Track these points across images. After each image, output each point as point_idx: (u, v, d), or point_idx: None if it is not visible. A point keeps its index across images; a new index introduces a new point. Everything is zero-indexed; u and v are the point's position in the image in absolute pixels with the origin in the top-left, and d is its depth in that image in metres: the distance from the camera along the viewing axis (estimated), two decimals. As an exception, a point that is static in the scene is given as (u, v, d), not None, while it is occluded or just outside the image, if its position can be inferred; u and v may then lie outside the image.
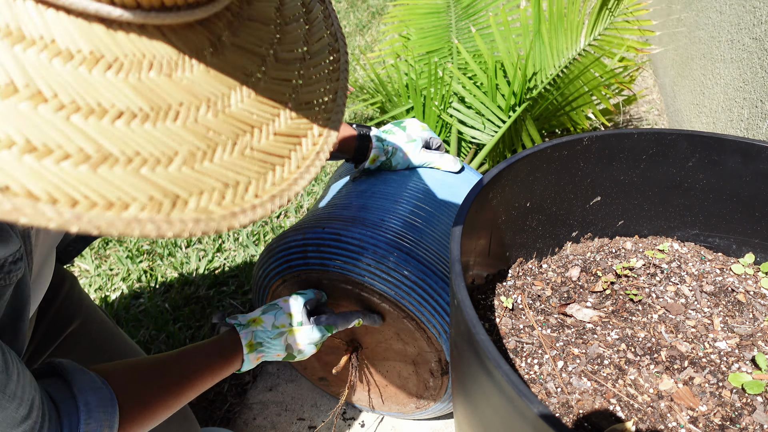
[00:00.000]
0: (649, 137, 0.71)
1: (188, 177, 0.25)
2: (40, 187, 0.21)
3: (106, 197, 0.22)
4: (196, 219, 0.25)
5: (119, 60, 0.24)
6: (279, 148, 0.30)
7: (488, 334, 0.49)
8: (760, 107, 1.19)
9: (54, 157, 0.21)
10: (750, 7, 1.31)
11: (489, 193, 0.63)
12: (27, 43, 0.22)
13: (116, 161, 0.23)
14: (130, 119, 0.24)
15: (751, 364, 0.59)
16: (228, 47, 0.29)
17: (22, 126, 0.21)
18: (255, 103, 0.29)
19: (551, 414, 0.37)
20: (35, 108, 0.21)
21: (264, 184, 0.28)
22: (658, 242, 0.80)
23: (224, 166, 0.27)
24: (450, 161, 0.93)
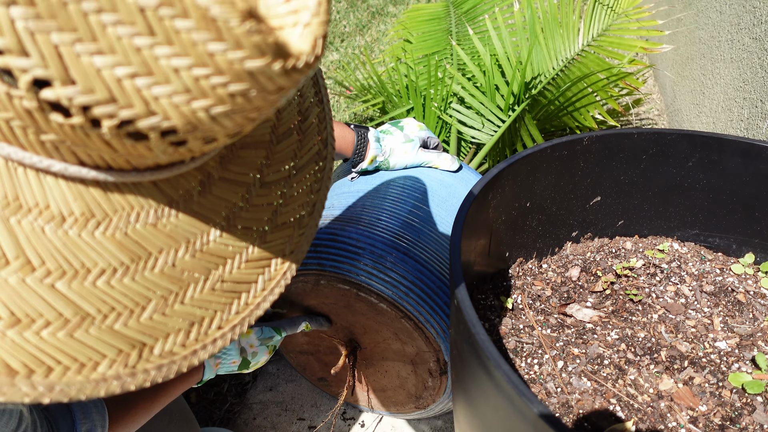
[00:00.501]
0: (649, 137, 0.71)
1: (157, 324, 0.26)
2: (18, 360, 0.21)
3: (78, 359, 0.23)
4: (159, 365, 0.26)
5: (108, 217, 0.25)
6: (248, 275, 0.31)
7: (488, 334, 0.49)
8: (760, 107, 1.19)
9: (35, 328, 0.22)
10: (750, 7, 1.32)
11: (489, 193, 0.63)
12: (23, 212, 0.23)
13: (92, 321, 0.24)
14: (111, 276, 0.25)
15: (751, 364, 0.59)
16: (216, 182, 0.30)
17: (8, 299, 0.22)
18: (232, 235, 0.30)
19: (551, 414, 0.37)
20: (23, 280, 0.22)
21: (228, 314, 0.29)
22: (658, 242, 0.80)
23: (193, 304, 0.28)
24: (448, 160, 0.93)
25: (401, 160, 0.92)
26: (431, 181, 0.92)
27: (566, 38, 1.38)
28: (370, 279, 0.78)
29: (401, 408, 0.99)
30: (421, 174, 0.93)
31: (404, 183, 0.90)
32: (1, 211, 0.22)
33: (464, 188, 0.93)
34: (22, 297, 0.22)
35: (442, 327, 0.78)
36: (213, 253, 0.29)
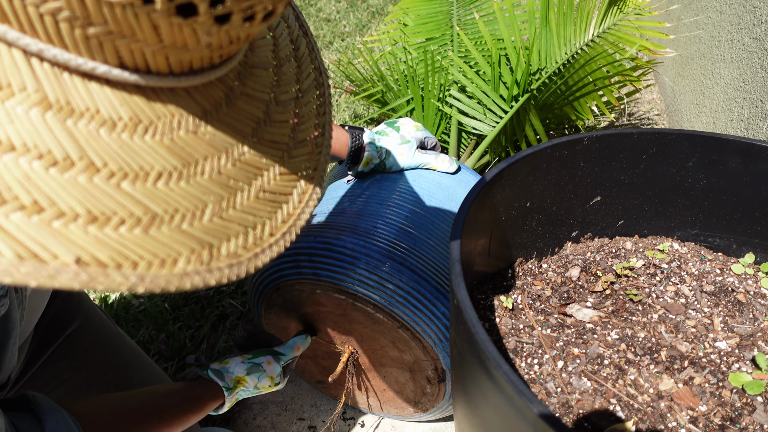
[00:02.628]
0: (649, 137, 0.71)
1: (217, 227, 0.27)
2: (105, 254, 0.22)
3: (158, 255, 0.24)
4: (229, 264, 0.27)
5: (154, 123, 0.26)
6: (284, 187, 0.32)
7: (488, 334, 0.49)
8: (760, 107, 1.19)
9: (112, 224, 0.23)
10: (750, 6, 1.32)
11: (489, 193, 0.63)
12: (76, 116, 0.23)
13: (162, 221, 0.25)
14: (168, 179, 0.26)
15: (751, 364, 0.59)
16: (239, 96, 0.31)
17: (82, 198, 0.23)
18: (263, 147, 0.31)
19: (551, 414, 0.37)
20: (91, 180, 0.23)
21: (276, 222, 0.31)
22: (658, 242, 0.80)
23: (244, 211, 0.29)
24: (446, 162, 0.92)
25: (398, 162, 0.90)
26: (429, 183, 0.91)
27: (579, 26, 1.33)
28: (366, 289, 0.77)
29: (401, 411, 0.99)
30: (418, 176, 0.91)
31: (401, 187, 0.89)
32: (57, 114, 0.23)
33: (463, 190, 0.92)
34: (93, 195, 0.23)
35: (440, 336, 0.77)
36: (250, 164, 0.30)
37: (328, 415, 1.09)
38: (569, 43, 1.34)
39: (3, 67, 0.22)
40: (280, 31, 0.37)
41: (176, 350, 1.23)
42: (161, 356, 1.22)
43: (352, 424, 1.08)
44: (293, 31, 0.38)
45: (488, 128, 1.35)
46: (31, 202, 0.21)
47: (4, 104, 0.22)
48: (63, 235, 0.21)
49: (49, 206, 0.22)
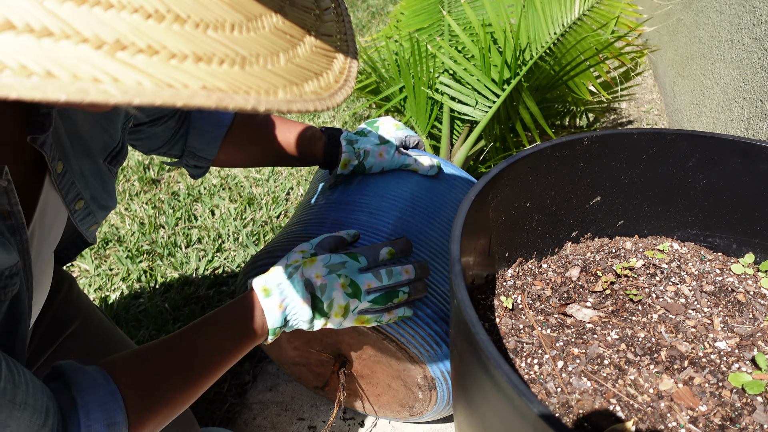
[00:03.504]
0: (649, 137, 0.71)
1: (294, 69, 0.31)
2: (224, 83, 0.26)
3: (262, 87, 0.27)
4: (319, 98, 0.30)
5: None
6: (328, 46, 0.35)
7: (488, 334, 0.49)
8: (760, 107, 1.19)
9: (216, 62, 0.26)
10: (750, 7, 1.32)
11: (489, 193, 0.63)
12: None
13: (251, 62, 0.28)
14: (240, 29, 0.29)
15: (751, 364, 0.59)
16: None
17: (183, 42, 0.25)
18: (299, 11, 0.34)
19: (551, 414, 0.37)
20: (183, 27, 0.26)
21: (335, 72, 0.34)
22: (658, 242, 0.80)
23: (308, 60, 0.32)
24: (426, 164, 0.88)
25: (377, 163, 0.87)
26: (412, 185, 0.87)
27: (564, 4, 1.36)
28: None
29: (396, 415, 0.98)
30: (400, 179, 0.88)
31: (383, 191, 0.86)
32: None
33: (447, 190, 0.90)
34: (191, 40, 0.26)
35: (425, 345, 0.76)
36: (295, 24, 0.33)
37: (328, 415, 1.09)
38: (556, 23, 1.36)
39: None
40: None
41: (176, 350, 1.23)
42: (161, 356, 1.22)
43: (352, 425, 1.08)
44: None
45: (480, 114, 1.34)
46: (146, 46, 0.24)
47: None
48: (183, 70, 0.25)
49: (161, 49, 0.25)
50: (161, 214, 1.67)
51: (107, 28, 0.23)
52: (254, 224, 1.63)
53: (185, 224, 1.63)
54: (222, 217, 1.63)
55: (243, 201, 1.71)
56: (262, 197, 1.73)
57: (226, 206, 1.68)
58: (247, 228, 1.61)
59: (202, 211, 1.68)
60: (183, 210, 1.67)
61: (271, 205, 1.69)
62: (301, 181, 1.82)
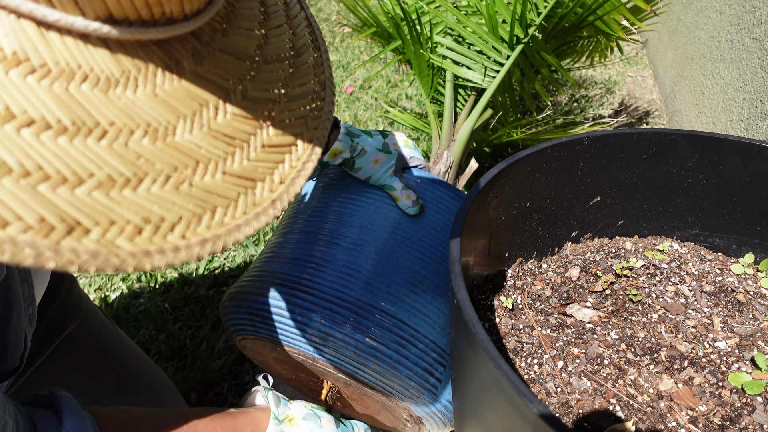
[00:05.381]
0: (649, 137, 0.71)
1: (97, 204, 0.23)
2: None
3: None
4: (95, 251, 0.22)
5: (47, 66, 0.22)
6: (225, 189, 0.27)
7: (488, 334, 0.49)
8: (760, 107, 1.19)
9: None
10: (750, 7, 1.32)
11: (489, 193, 0.63)
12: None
13: (9, 171, 0.21)
14: (42, 130, 0.22)
15: (751, 364, 0.59)
16: (187, 74, 0.27)
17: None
18: (207, 137, 0.27)
19: (551, 414, 0.37)
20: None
21: (197, 225, 0.26)
22: (658, 242, 0.80)
23: (150, 199, 0.24)
24: (410, 200, 0.80)
25: (367, 169, 0.81)
26: (395, 210, 0.81)
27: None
28: (321, 353, 0.73)
29: (392, 430, 0.98)
30: (383, 203, 0.81)
31: (363, 220, 0.80)
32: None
33: (435, 213, 0.83)
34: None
35: (406, 394, 0.74)
36: (180, 149, 0.26)
37: (328, 415, 1.09)
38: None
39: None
40: (275, 33, 0.34)
41: (176, 350, 1.23)
42: (161, 356, 1.22)
43: (352, 424, 1.08)
44: (299, 38, 0.35)
45: (488, 80, 1.15)
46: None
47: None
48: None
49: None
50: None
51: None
52: (254, 224, 1.62)
53: (185, 224, 1.63)
54: (222, 217, 1.63)
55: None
56: (262, 197, 1.73)
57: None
58: (247, 228, 1.60)
59: (202, 211, 1.68)
60: (183, 210, 1.67)
61: (271, 205, 1.69)
62: (301, 181, 1.81)
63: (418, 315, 0.75)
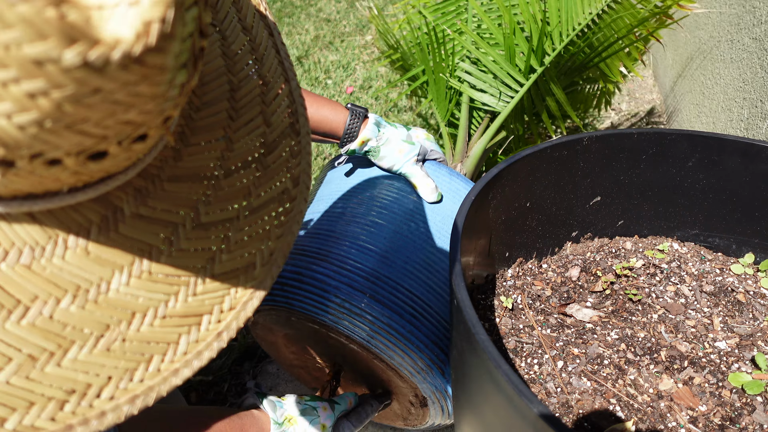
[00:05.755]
0: (649, 137, 0.71)
1: (15, 390, 0.22)
2: None
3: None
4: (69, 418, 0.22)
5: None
6: (165, 334, 0.26)
7: (488, 334, 0.49)
8: (760, 107, 1.19)
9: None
10: (750, 7, 1.32)
11: (489, 193, 0.63)
12: None
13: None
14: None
15: (751, 364, 0.59)
16: (127, 219, 0.25)
17: None
18: (147, 283, 0.25)
19: (551, 414, 0.37)
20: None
21: (128, 381, 0.24)
22: (658, 242, 0.80)
23: (76, 368, 0.23)
24: (429, 188, 0.85)
25: (391, 157, 0.84)
26: (415, 197, 0.85)
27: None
28: (338, 323, 0.74)
29: (392, 422, 0.98)
30: (402, 190, 0.85)
31: (382, 202, 0.83)
32: None
33: (452, 204, 0.87)
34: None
35: (415, 367, 0.75)
36: (114, 306, 0.24)
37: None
38: (594, 1, 1.18)
39: None
40: (244, 132, 0.30)
41: (176, 350, 1.23)
42: (161, 356, 1.22)
43: (352, 424, 1.08)
44: (274, 130, 0.31)
45: (502, 104, 1.23)
46: None
47: None
48: None
49: None
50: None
51: None
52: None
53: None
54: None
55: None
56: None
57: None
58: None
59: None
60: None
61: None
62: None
63: (431, 291, 0.77)
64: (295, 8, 2.98)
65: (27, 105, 0.17)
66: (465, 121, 1.29)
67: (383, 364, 0.77)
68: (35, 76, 0.17)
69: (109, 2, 0.18)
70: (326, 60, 2.51)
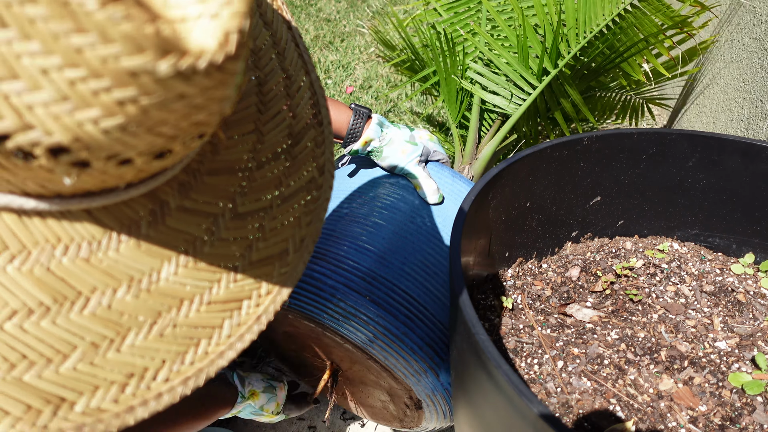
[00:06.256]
0: (649, 137, 0.71)
1: (82, 375, 0.23)
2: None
3: None
4: (79, 425, 0.23)
5: (26, 250, 0.23)
6: (210, 319, 0.28)
7: (488, 334, 0.49)
8: (760, 107, 1.19)
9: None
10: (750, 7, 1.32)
11: (489, 193, 0.63)
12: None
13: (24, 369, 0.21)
14: (25, 318, 0.22)
15: (751, 364, 0.59)
16: (173, 212, 0.27)
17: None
18: (192, 272, 0.27)
19: (551, 414, 0.37)
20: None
21: (180, 364, 0.26)
22: (658, 242, 0.80)
23: (133, 353, 0.25)
24: (431, 189, 0.84)
25: (394, 158, 0.84)
26: (415, 198, 0.84)
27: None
28: (334, 322, 0.74)
29: (389, 424, 0.98)
30: (405, 190, 0.85)
31: (383, 202, 0.83)
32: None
33: (454, 206, 0.87)
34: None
35: (409, 370, 0.75)
36: (165, 293, 0.26)
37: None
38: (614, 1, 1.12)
39: None
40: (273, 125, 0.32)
41: (176, 350, 1.23)
42: (161, 356, 1.22)
43: (352, 424, 1.08)
44: (299, 121, 0.33)
45: (514, 106, 1.20)
46: None
47: None
48: None
49: None
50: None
51: None
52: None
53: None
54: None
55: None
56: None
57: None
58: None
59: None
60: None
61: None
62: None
63: (428, 294, 0.77)
64: (295, 8, 2.98)
65: (115, 111, 0.19)
66: (475, 123, 1.26)
67: (378, 365, 0.77)
68: (127, 85, 0.18)
69: (191, 15, 0.20)
70: (326, 60, 2.51)
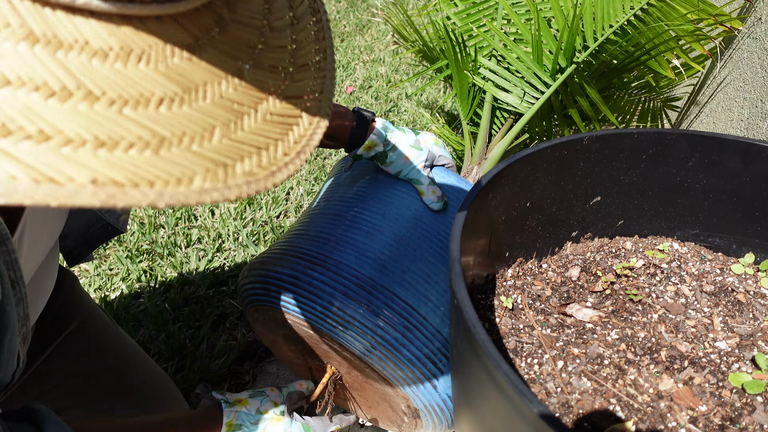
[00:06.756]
0: (649, 137, 0.71)
1: (229, 147, 0.28)
2: (121, 175, 0.23)
3: (174, 174, 0.25)
4: (247, 182, 0.28)
5: (146, 51, 0.26)
6: (291, 110, 0.32)
7: (488, 334, 0.49)
8: (760, 107, 1.19)
9: (122, 148, 0.24)
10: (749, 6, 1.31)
11: (489, 193, 0.63)
12: (66, 47, 0.24)
13: (170, 143, 0.26)
14: (170, 104, 0.26)
15: (751, 364, 0.59)
16: (229, 24, 0.30)
17: (86, 125, 0.23)
18: (263, 72, 0.31)
19: (551, 414, 0.37)
20: (92, 107, 0.24)
21: (288, 143, 0.31)
22: (658, 242, 0.80)
23: (254, 133, 0.30)
24: (435, 196, 0.83)
25: (398, 163, 0.83)
26: (420, 204, 0.83)
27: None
28: (330, 329, 0.74)
29: (387, 427, 0.97)
30: (408, 195, 0.84)
31: (386, 210, 0.82)
32: (46, 47, 0.23)
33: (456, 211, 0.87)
34: (97, 122, 0.24)
35: (406, 379, 0.74)
36: (252, 88, 0.30)
37: (328, 415, 1.09)
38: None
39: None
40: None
41: (176, 350, 1.23)
42: (161, 356, 1.22)
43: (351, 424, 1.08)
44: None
45: (526, 105, 1.17)
46: (37, 131, 0.22)
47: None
48: (74, 160, 0.22)
49: (55, 134, 0.22)
50: (161, 213, 1.67)
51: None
52: (254, 224, 1.63)
53: (185, 224, 1.63)
54: (222, 216, 1.63)
55: (243, 201, 1.71)
56: (262, 197, 1.73)
57: (225, 206, 1.68)
58: (247, 228, 1.61)
59: (202, 210, 1.68)
60: (183, 210, 1.67)
61: (271, 205, 1.70)
62: (301, 181, 1.82)
63: (428, 304, 0.76)
64: (295, 8, 2.98)
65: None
66: (487, 121, 1.23)
67: (375, 374, 0.77)
68: None
69: None
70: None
